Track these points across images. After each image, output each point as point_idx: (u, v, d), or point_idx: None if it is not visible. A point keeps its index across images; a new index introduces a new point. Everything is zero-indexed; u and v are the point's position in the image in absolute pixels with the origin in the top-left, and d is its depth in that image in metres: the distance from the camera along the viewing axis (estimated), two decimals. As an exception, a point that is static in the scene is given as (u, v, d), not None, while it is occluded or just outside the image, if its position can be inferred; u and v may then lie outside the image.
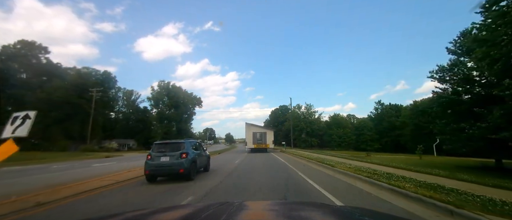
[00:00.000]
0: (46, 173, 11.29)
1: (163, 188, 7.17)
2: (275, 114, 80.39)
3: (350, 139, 58.11)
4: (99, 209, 5.06)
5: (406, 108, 60.36)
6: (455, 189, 5.28)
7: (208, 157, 11.66)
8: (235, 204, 1.32)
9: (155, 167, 8.12)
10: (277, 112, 79.44)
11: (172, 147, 8.64)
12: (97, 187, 7.24)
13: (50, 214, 4.72)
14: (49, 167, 14.32)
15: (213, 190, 6.67)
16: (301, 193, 6.31)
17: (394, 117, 60.04)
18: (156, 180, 8.36)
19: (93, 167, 14.00)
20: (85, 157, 23.09)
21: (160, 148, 8.67)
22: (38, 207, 5.06)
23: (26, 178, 9.78)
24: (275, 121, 75.62)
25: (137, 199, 6.04)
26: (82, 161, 18.79)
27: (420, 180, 6.67)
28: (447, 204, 4.11)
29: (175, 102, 56.02)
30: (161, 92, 56.27)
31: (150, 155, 8.33)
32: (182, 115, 58.93)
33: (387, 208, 4.71)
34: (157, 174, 8.33)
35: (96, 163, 16.60)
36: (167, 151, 8.45)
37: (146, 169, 8.13)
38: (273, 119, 79.12)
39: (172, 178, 8.48)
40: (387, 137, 58.56)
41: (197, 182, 7.98)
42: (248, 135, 32.06)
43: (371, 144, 56.35)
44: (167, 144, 8.96)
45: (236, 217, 1.08)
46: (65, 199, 5.84)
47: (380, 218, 1.45)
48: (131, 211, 1.36)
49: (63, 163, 16.76)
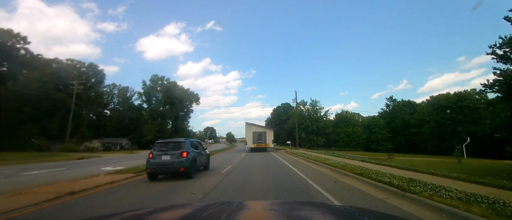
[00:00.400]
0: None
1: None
2: (277, 112, 75.52)
3: (359, 138, 52.96)
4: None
5: (421, 105, 55.47)
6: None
7: (208, 156, 11.75)
8: (235, 204, 1.33)
9: (156, 165, 8.30)
10: (279, 110, 74.61)
11: (173, 146, 8.77)
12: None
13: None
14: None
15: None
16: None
17: (408, 114, 55.09)
18: (157, 178, 8.58)
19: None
20: (46, 160, 18.65)
21: (161, 147, 8.78)
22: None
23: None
24: (277, 120, 71.26)
25: None
26: (22, 166, 14.18)
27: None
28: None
29: (169, 98, 51.56)
30: (154, 87, 51.93)
31: (152, 154, 8.52)
32: (177, 112, 54.62)
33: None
34: (158, 172, 8.50)
35: (34, 170, 12.09)
36: (168, 150, 8.61)
37: (147, 167, 8.28)
38: (275, 117, 74.50)
39: (172, 176, 8.71)
40: (401, 136, 53.71)
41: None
42: (248, 134, 31.93)
43: (383, 144, 51.21)
44: (168, 143, 9.00)
45: (236, 216, 1.08)
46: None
47: (380, 218, 1.42)
48: (131, 211, 1.36)
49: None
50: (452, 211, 3.94)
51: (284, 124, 65.59)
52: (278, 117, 72.70)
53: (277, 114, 74.70)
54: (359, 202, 5.10)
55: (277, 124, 67.39)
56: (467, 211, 3.77)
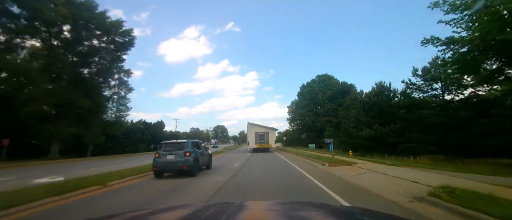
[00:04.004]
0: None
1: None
2: (308, 91, 50.37)
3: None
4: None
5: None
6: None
7: (210, 156, 12.40)
8: (235, 204, 1.32)
9: (162, 164, 9.05)
10: (312, 89, 49.67)
11: (177, 146, 9.56)
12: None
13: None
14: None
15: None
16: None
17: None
18: (163, 176, 9.22)
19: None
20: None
21: (166, 147, 9.56)
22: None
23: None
24: (309, 103, 49.33)
25: None
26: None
27: None
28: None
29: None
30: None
31: (158, 154, 9.26)
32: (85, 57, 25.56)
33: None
34: (164, 170, 9.24)
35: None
36: (172, 150, 9.36)
37: (154, 166, 9.01)
38: (303, 102, 51.34)
39: (176, 174, 9.29)
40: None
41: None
42: (250, 134, 32.04)
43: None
44: (172, 143, 9.89)
45: (236, 217, 1.08)
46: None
47: (380, 218, 1.40)
48: (131, 211, 1.36)
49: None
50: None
51: (315, 108, 46.77)
52: (310, 96, 49.53)
53: (308, 94, 50.20)
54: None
55: (310, 108, 48.60)
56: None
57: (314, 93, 49.56)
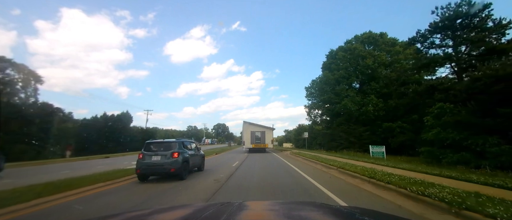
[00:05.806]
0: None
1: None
2: (344, 57, 30.96)
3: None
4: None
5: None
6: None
7: (203, 156, 11.54)
8: (235, 204, 1.32)
9: (146, 166, 8.13)
10: (351, 53, 30.36)
11: (163, 146, 8.67)
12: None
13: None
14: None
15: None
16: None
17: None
18: (148, 179, 8.39)
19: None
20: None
21: (152, 147, 8.61)
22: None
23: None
24: (349, 76, 30.31)
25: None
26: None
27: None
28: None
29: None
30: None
31: (142, 154, 8.33)
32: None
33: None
34: (148, 173, 8.31)
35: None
36: (158, 150, 8.47)
37: (137, 168, 8.15)
38: (340, 70, 30.65)
39: (163, 178, 8.49)
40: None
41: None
42: (246, 133, 30.40)
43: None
44: (158, 143, 8.97)
45: (236, 217, 1.07)
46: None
47: (380, 218, 1.38)
48: (131, 211, 1.38)
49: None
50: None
51: (363, 86, 30.02)
52: (348, 65, 30.87)
53: (344, 61, 31.11)
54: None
55: (337, 92, 30.13)
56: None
57: (355, 58, 29.94)
